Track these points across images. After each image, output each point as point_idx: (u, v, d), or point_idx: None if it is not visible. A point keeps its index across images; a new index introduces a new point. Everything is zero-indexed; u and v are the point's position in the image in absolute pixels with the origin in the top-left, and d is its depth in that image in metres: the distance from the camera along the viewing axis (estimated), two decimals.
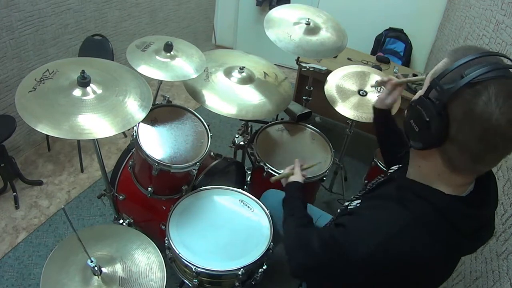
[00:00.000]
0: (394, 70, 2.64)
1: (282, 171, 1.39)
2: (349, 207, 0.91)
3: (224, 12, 4.29)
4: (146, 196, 1.43)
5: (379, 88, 1.77)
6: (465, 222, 0.68)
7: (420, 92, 0.71)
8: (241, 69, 1.61)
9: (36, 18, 2.24)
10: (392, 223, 0.70)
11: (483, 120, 0.58)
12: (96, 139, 1.16)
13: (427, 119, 0.63)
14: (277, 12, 1.74)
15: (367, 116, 1.70)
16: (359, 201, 0.91)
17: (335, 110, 1.73)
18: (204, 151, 1.36)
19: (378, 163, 1.96)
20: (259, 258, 1.19)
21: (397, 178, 0.83)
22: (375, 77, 1.85)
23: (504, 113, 0.57)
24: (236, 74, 1.61)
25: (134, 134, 1.30)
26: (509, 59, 0.66)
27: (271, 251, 1.25)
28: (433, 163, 0.69)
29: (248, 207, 1.38)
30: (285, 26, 1.68)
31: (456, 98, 0.60)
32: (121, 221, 1.61)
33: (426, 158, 0.70)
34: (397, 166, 0.96)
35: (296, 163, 1.34)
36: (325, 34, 1.70)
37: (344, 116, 1.73)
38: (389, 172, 0.97)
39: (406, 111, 0.72)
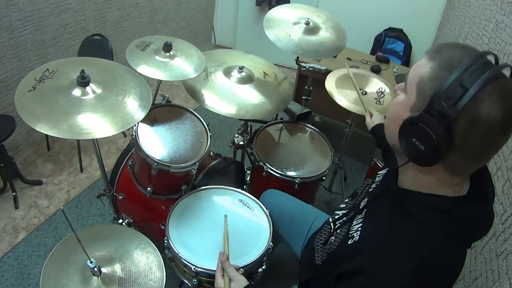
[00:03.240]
0: (394, 70, 2.64)
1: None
2: (349, 241, 0.80)
3: (223, 12, 4.30)
4: (145, 196, 1.43)
5: (380, 94, 1.76)
6: (476, 219, 0.68)
7: (406, 102, 0.67)
8: (241, 68, 1.61)
9: (35, 18, 2.24)
10: (414, 248, 0.66)
11: (488, 125, 0.58)
12: (96, 139, 1.16)
13: (434, 138, 0.60)
14: (276, 12, 1.74)
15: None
16: (359, 224, 0.81)
17: (336, 110, 1.73)
18: (204, 150, 1.36)
19: (378, 163, 1.95)
20: (258, 258, 1.19)
21: (392, 189, 0.79)
22: (373, 79, 1.86)
23: (505, 112, 0.58)
24: (235, 74, 1.61)
25: (134, 134, 1.30)
26: (494, 54, 0.65)
27: (270, 251, 1.25)
28: (433, 172, 0.68)
29: (248, 207, 1.38)
30: (285, 26, 1.67)
31: (462, 111, 0.59)
32: (120, 221, 1.61)
33: (425, 169, 0.68)
34: (385, 171, 0.93)
35: (223, 262, 1.01)
36: (325, 34, 1.70)
37: (344, 116, 1.73)
38: (377, 176, 0.94)
39: (401, 128, 0.67)
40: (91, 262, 0.94)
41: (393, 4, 3.35)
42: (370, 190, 0.91)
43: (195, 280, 1.19)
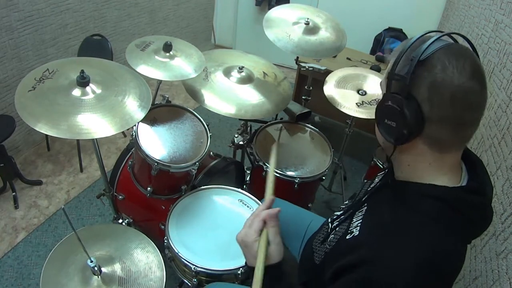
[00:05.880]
0: None
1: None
2: (348, 236, 0.79)
3: (223, 12, 4.30)
4: (145, 196, 1.43)
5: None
6: (474, 211, 0.68)
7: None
8: (240, 68, 1.61)
9: (35, 18, 2.24)
10: (416, 238, 0.66)
11: (447, 86, 0.62)
12: (95, 139, 1.16)
13: (399, 109, 0.65)
14: (276, 12, 1.74)
15: (371, 112, 1.69)
16: (359, 220, 0.80)
17: (335, 110, 1.73)
18: (204, 150, 1.36)
19: (378, 163, 1.96)
20: None
21: (391, 182, 0.79)
22: (372, 77, 1.86)
23: (461, 71, 0.61)
24: (235, 74, 1.61)
25: (134, 133, 1.30)
26: (445, 32, 0.69)
27: None
28: (421, 155, 0.69)
29: (248, 206, 1.38)
30: (284, 26, 1.68)
31: (415, 79, 0.63)
32: (120, 220, 1.61)
33: (411, 152, 0.70)
34: (383, 172, 0.93)
35: (271, 216, 0.82)
36: (324, 34, 1.70)
37: (344, 116, 1.73)
38: (376, 177, 0.94)
39: (376, 117, 0.73)
40: (91, 261, 0.94)
41: (393, 4, 3.35)
42: (369, 189, 0.91)
43: (195, 280, 1.19)
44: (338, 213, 0.98)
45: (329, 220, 0.99)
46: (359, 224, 0.79)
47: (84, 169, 2.43)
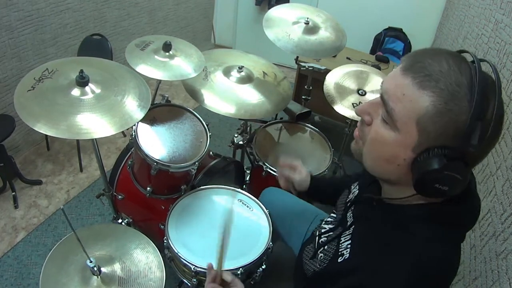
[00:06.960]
0: (394, 70, 2.64)
1: None
2: (339, 259, 0.78)
3: (223, 12, 4.30)
4: (145, 196, 1.43)
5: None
6: (468, 217, 0.68)
7: (404, 141, 0.61)
8: (240, 68, 1.61)
9: (35, 17, 2.24)
10: (409, 260, 0.65)
11: (496, 136, 0.59)
12: (95, 138, 1.16)
13: (461, 178, 0.58)
14: (276, 12, 1.74)
15: None
16: (348, 241, 0.79)
17: (334, 109, 1.73)
18: (203, 150, 1.36)
19: None
20: (258, 258, 1.19)
21: (378, 204, 0.77)
22: (374, 77, 1.86)
23: (501, 114, 0.59)
24: (235, 74, 1.61)
25: (133, 133, 1.30)
26: (467, 51, 0.63)
27: (270, 250, 1.25)
28: None
29: (247, 206, 1.38)
30: (284, 26, 1.68)
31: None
32: (120, 220, 1.61)
33: None
34: (357, 183, 0.92)
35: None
36: (324, 34, 1.70)
37: (343, 116, 1.73)
38: (353, 186, 0.93)
39: (419, 182, 0.61)
40: (90, 262, 0.94)
41: (393, 3, 3.35)
42: (349, 205, 0.90)
43: (195, 280, 1.19)
44: (326, 227, 0.96)
45: (317, 234, 0.97)
46: (348, 246, 0.78)
47: (83, 169, 2.43)
